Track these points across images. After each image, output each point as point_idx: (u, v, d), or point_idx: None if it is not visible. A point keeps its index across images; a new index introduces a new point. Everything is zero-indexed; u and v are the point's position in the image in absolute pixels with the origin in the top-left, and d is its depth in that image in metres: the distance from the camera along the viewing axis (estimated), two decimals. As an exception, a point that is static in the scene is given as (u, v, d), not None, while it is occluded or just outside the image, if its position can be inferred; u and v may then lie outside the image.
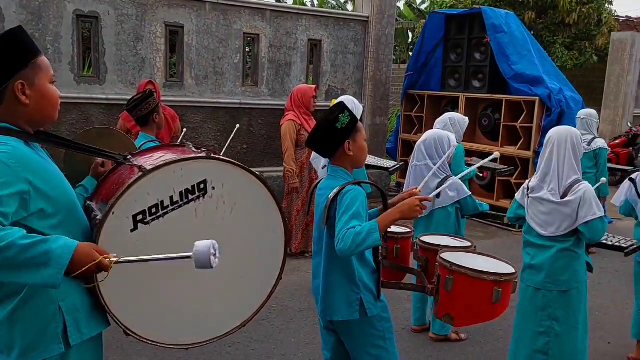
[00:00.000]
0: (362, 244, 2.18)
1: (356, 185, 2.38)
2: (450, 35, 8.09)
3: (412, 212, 2.30)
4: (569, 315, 3.14)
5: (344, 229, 2.20)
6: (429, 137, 3.96)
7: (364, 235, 2.17)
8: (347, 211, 2.26)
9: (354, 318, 2.40)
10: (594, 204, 2.97)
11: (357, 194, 2.33)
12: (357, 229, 2.18)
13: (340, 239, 2.19)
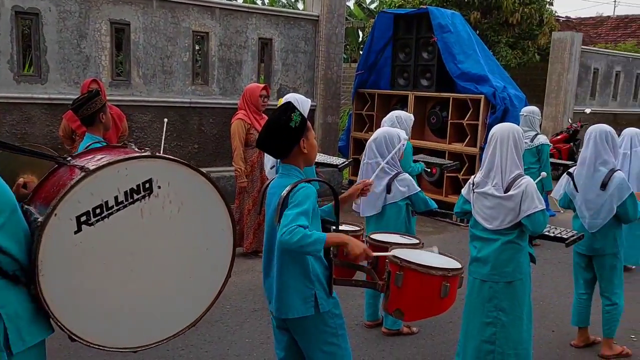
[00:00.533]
0: (305, 247, 2.20)
1: (308, 183, 2.39)
2: (399, 34, 8.23)
3: (356, 251, 2.33)
4: (514, 305, 3.25)
5: (293, 223, 2.20)
6: (379, 135, 4.02)
7: (311, 241, 2.19)
8: (298, 206, 2.27)
9: (309, 314, 2.41)
10: (536, 198, 3.08)
11: (309, 192, 2.35)
12: (307, 232, 2.20)
13: (289, 231, 2.18)
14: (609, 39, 21.21)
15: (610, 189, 3.77)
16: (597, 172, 3.82)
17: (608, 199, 3.78)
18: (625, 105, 13.59)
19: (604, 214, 3.82)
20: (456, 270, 2.49)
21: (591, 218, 3.87)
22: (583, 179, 3.88)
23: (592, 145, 3.86)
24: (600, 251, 3.93)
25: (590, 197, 3.85)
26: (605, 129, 3.89)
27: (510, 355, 3.26)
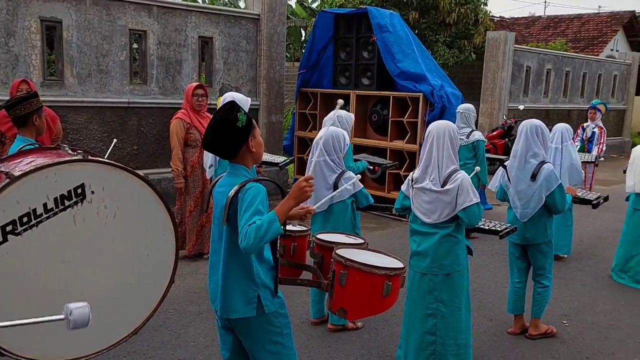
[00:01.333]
0: (265, 235, 2.19)
1: (257, 182, 2.39)
2: (340, 34, 8.31)
3: (302, 193, 2.34)
4: (453, 296, 3.37)
5: (245, 225, 2.20)
6: (326, 133, 4.07)
7: (265, 226, 2.18)
8: (249, 208, 2.25)
9: (251, 315, 2.41)
10: (471, 191, 3.21)
11: (258, 191, 2.34)
12: (257, 223, 2.19)
13: (244, 236, 2.18)
14: (540, 38, 22.23)
15: (539, 180, 3.97)
16: (527, 164, 4.01)
17: (537, 189, 3.98)
18: (556, 102, 14.27)
19: (533, 203, 4.02)
20: (399, 269, 2.54)
21: (522, 208, 4.07)
22: (515, 170, 4.08)
23: (523, 138, 4.04)
24: (532, 240, 4.12)
25: (522, 187, 4.04)
26: (535, 124, 4.08)
27: (451, 345, 3.38)
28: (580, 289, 5.36)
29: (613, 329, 4.46)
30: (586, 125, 8.79)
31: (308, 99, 8.89)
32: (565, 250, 6.10)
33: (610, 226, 7.55)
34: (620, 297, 5.15)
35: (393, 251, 6.19)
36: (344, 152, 4.11)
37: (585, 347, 4.14)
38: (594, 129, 8.62)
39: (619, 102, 16.47)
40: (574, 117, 14.25)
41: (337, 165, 4.03)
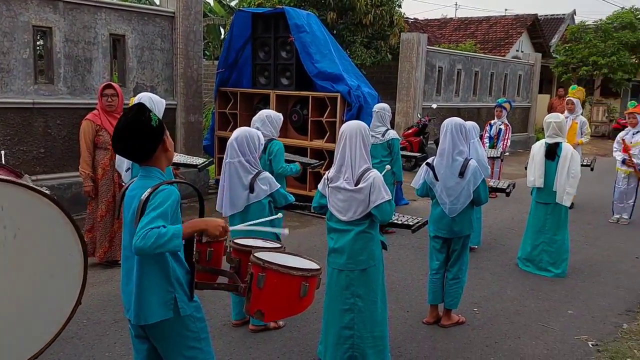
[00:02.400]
0: (163, 246, 2.16)
1: (170, 185, 2.34)
2: (258, 33, 8.29)
3: (215, 229, 2.34)
4: (369, 291, 3.49)
5: (147, 226, 2.15)
6: (240, 134, 4.04)
7: (167, 238, 2.15)
8: (155, 209, 2.21)
9: (168, 317, 2.38)
10: (382, 189, 3.33)
11: (170, 193, 2.29)
12: (162, 230, 2.15)
13: (142, 236, 2.13)
14: (452, 39, 23.24)
15: (467, 177, 4.20)
16: (455, 162, 4.23)
17: (466, 185, 4.22)
18: (466, 100, 14.98)
19: (463, 199, 4.25)
20: (315, 270, 2.59)
21: (451, 204, 4.28)
22: (443, 168, 4.27)
23: (449, 137, 4.24)
24: (459, 233, 4.36)
25: (450, 184, 4.25)
26: (458, 122, 4.31)
27: (368, 338, 3.49)
28: (489, 277, 5.69)
29: (519, 315, 4.77)
30: (493, 122, 9.34)
31: (228, 98, 8.80)
32: (475, 242, 6.44)
33: (516, 217, 8.06)
34: (526, 284, 5.51)
35: (314, 248, 6.33)
36: (259, 152, 4.11)
37: (494, 333, 4.41)
38: (500, 126, 9.17)
39: (524, 100, 17.54)
40: (484, 114, 15.03)
41: (252, 166, 4.02)
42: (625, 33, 20.05)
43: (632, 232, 7.64)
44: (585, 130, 8.89)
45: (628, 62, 20.20)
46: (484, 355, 4.03)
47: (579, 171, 5.65)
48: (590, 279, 5.71)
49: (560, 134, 5.67)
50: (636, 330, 4.52)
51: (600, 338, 4.36)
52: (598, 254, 6.58)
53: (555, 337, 4.35)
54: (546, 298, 5.16)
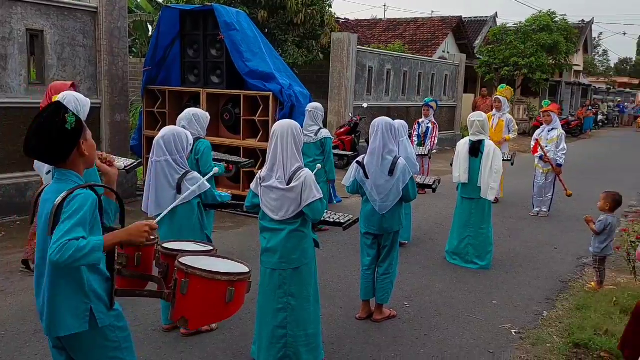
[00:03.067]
0: (81, 260, 2.06)
1: (87, 189, 2.22)
2: (186, 30, 8.11)
3: (139, 237, 2.25)
4: (302, 289, 3.51)
5: (64, 237, 2.04)
6: (167, 133, 3.94)
7: (86, 252, 2.05)
8: (72, 217, 2.10)
9: (83, 330, 2.26)
10: (314, 188, 3.36)
11: (86, 198, 2.18)
12: (81, 244, 2.05)
13: (58, 248, 2.02)
14: (381, 39, 23.73)
15: (396, 175, 4.32)
16: (384, 161, 4.33)
17: (395, 183, 4.33)
18: (396, 100, 15.36)
19: (392, 196, 4.36)
20: (243, 274, 2.52)
21: (381, 201, 4.37)
22: (374, 167, 4.35)
23: (380, 136, 4.34)
24: (389, 229, 4.46)
25: (380, 182, 4.35)
26: (388, 122, 4.41)
27: (301, 337, 3.50)
28: (419, 271, 5.86)
29: (447, 306, 4.95)
30: (421, 121, 9.63)
31: (156, 97, 8.55)
32: (405, 237, 6.62)
33: (444, 213, 8.34)
34: (454, 277, 5.72)
35: (249, 249, 6.28)
36: (187, 151, 4.04)
37: (424, 325, 4.55)
38: (427, 125, 9.46)
39: (450, 100, 18.20)
40: (413, 113, 15.45)
41: (180, 166, 3.94)
42: (542, 35, 21.24)
43: (551, 225, 8.10)
44: (512, 127, 9.34)
45: (546, 63, 21.42)
46: (414, 347, 4.15)
47: (501, 167, 5.93)
48: (513, 270, 6.01)
49: (483, 132, 5.92)
50: (555, 317, 4.79)
51: (522, 326, 4.59)
52: (520, 246, 6.93)
53: (481, 327, 4.55)
54: (472, 290, 5.38)
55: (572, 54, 23.49)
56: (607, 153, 18.28)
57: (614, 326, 4.35)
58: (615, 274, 5.83)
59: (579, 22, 30.79)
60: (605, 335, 4.25)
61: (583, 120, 24.61)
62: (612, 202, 5.35)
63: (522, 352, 4.14)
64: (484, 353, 4.11)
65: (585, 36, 31.67)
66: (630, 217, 8.70)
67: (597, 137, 24.80)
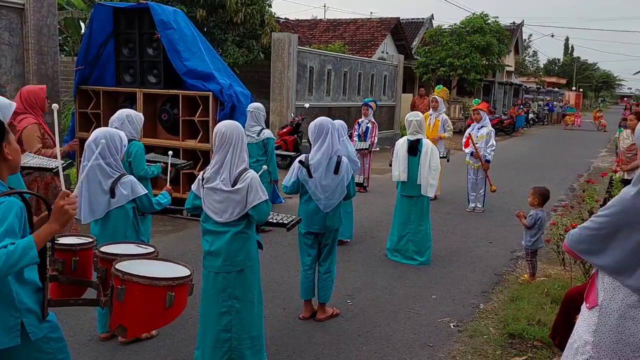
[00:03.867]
0: (17, 264, 1.98)
1: (10, 196, 2.11)
2: (121, 29, 7.85)
3: (64, 214, 2.14)
4: (246, 291, 3.48)
5: None
6: (99, 135, 3.77)
7: (19, 253, 1.97)
8: None
9: (15, 344, 2.17)
10: (259, 189, 3.34)
11: (10, 205, 2.08)
12: (10, 249, 1.96)
13: None
14: (322, 40, 23.88)
15: (341, 173, 4.43)
16: (330, 159, 4.41)
17: (340, 181, 4.44)
18: (337, 100, 15.50)
19: (338, 194, 4.45)
20: (183, 278, 2.45)
21: (327, 199, 4.43)
22: (321, 167, 4.40)
23: (328, 137, 4.42)
24: (331, 227, 4.53)
25: (326, 181, 4.41)
26: (333, 122, 4.55)
27: (245, 339, 3.48)
28: (361, 269, 5.94)
29: (389, 303, 5.05)
30: (361, 120, 9.76)
31: (89, 97, 8.22)
32: (347, 235, 6.70)
33: (384, 210, 8.49)
34: (395, 274, 5.83)
35: (189, 252, 6.17)
36: (121, 154, 3.92)
37: (367, 322, 4.61)
38: (367, 124, 9.61)
39: (389, 100, 18.55)
40: (353, 113, 15.65)
41: (113, 169, 3.81)
42: (476, 37, 22.03)
43: (486, 220, 8.41)
44: (448, 127, 9.67)
45: (479, 64, 22.24)
46: (357, 345, 4.20)
47: (438, 164, 6.13)
48: (451, 265, 6.20)
49: (420, 131, 6.10)
50: (491, 309, 4.98)
51: (460, 319, 4.75)
52: (457, 241, 7.16)
53: (421, 321, 4.66)
54: (412, 285, 5.51)
55: (504, 55, 24.50)
56: (538, 150, 19.18)
57: (546, 316, 4.57)
58: (546, 266, 6.13)
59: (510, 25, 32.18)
60: (537, 325, 4.45)
61: (515, 118, 25.71)
62: (540, 197, 5.63)
63: (461, 344, 4.27)
64: (424, 347, 4.22)
65: (516, 38, 33.14)
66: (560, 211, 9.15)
67: (529, 135, 25.97)
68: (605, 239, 2.15)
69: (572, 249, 2.31)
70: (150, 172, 4.83)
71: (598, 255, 2.18)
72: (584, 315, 2.29)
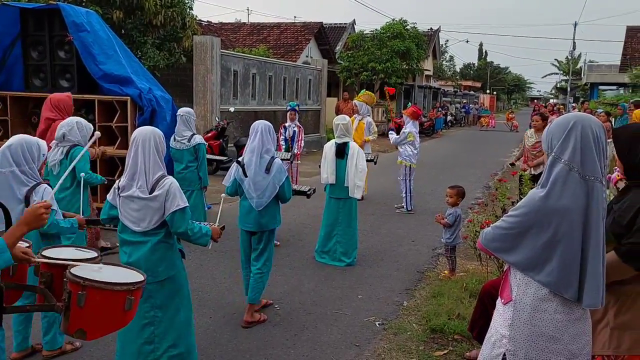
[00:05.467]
0: None
1: None
2: (29, 31, 7.43)
3: (39, 220, 2.23)
4: (170, 301, 3.38)
5: None
6: (15, 142, 3.56)
7: None
8: None
9: None
10: (178, 196, 3.26)
11: None
12: None
13: None
14: (246, 43, 23.71)
15: (272, 172, 4.58)
16: (262, 159, 4.59)
17: (271, 180, 4.59)
18: (262, 104, 15.45)
19: (268, 193, 4.60)
20: (140, 282, 2.57)
21: (258, 198, 4.59)
22: (252, 165, 4.58)
23: (258, 137, 4.61)
24: (266, 226, 4.64)
25: (258, 179, 4.58)
26: (267, 124, 4.71)
27: (172, 351, 3.37)
28: (289, 272, 5.95)
29: (316, 305, 5.09)
30: (288, 124, 9.77)
31: (-5, 103, 7.72)
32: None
33: (311, 213, 8.55)
34: (321, 276, 5.89)
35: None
36: (38, 161, 3.69)
37: (294, 326, 4.62)
38: (294, 128, 9.63)
39: (314, 103, 18.72)
40: (279, 117, 15.65)
41: (29, 177, 3.58)
42: (396, 42, 22.68)
43: (408, 219, 8.68)
44: (372, 129, 10.02)
45: (400, 68, 22.91)
46: (284, 349, 4.20)
47: (365, 166, 6.32)
48: (375, 264, 6.34)
49: (347, 135, 6.29)
50: (414, 306, 5.14)
51: (385, 317, 4.87)
52: (381, 241, 7.34)
53: (347, 322, 4.74)
54: (339, 286, 5.59)
55: (422, 59, 25.39)
56: (456, 150, 20.04)
57: (465, 310, 4.78)
58: (465, 261, 6.41)
59: (428, 30, 33.41)
60: (457, 319, 4.65)
61: (435, 121, 26.71)
62: (460, 196, 5.90)
63: (386, 342, 4.38)
64: (350, 347, 4.29)
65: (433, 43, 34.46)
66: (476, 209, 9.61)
67: (447, 136, 27.07)
68: (516, 238, 2.27)
69: (485, 247, 2.41)
70: (94, 177, 5.06)
71: (510, 252, 2.30)
72: (500, 310, 2.41)
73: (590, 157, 2.17)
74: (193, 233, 3.34)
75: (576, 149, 2.17)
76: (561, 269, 2.18)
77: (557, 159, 2.21)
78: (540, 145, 7.09)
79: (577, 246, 2.17)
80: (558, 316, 2.21)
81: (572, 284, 2.18)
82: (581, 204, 2.15)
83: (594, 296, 2.17)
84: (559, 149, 2.21)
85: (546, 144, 2.29)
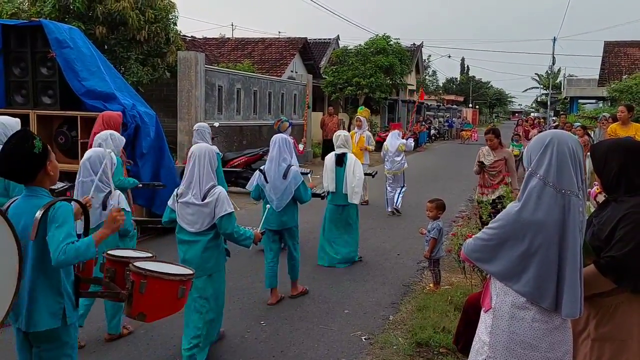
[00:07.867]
0: (81, 256, 2.56)
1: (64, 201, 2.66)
2: (11, 47, 7.37)
3: (116, 223, 2.80)
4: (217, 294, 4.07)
5: (64, 242, 2.51)
6: (93, 154, 4.27)
7: (84, 249, 2.55)
8: (63, 225, 2.55)
9: (57, 325, 2.66)
10: (226, 203, 3.88)
11: (69, 209, 2.65)
12: (77, 245, 2.53)
13: (62, 251, 2.49)
14: (230, 58, 23.75)
15: (289, 178, 5.35)
16: (279, 167, 5.38)
17: (288, 185, 5.36)
18: (247, 119, 15.45)
19: (286, 196, 5.38)
20: (190, 275, 3.05)
21: (278, 200, 5.37)
22: (272, 172, 5.39)
23: (277, 148, 5.42)
24: (285, 224, 5.49)
25: (277, 184, 5.36)
26: (284, 137, 5.53)
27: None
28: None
29: (302, 320, 5.07)
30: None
31: (-25, 120, 7.62)
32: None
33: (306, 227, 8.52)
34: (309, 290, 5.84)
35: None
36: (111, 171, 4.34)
37: (280, 342, 4.60)
38: (288, 140, 9.75)
39: (300, 118, 18.77)
40: (265, 132, 15.67)
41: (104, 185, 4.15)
42: (380, 57, 22.89)
43: (394, 233, 8.71)
44: (371, 142, 10.91)
45: (384, 83, 23.10)
46: (270, 366, 4.18)
47: (362, 173, 6.83)
48: (362, 279, 6.35)
49: (346, 146, 6.84)
50: (400, 320, 5.15)
51: (371, 331, 4.86)
52: (367, 255, 7.34)
53: (334, 337, 4.73)
54: (325, 301, 5.58)
55: (406, 74, 25.63)
56: (440, 163, 20.19)
57: (450, 323, 4.79)
58: (449, 274, 6.44)
59: (411, 46, 33.79)
60: (442, 332, 4.66)
61: (418, 134, 26.92)
62: (436, 209, 5.97)
63: (372, 356, 4.38)
64: (337, 362, 4.27)
65: (416, 58, 34.86)
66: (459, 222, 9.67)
67: (431, 150, 27.29)
68: (495, 249, 2.35)
69: (467, 257, 2.49)
70: (126, 182, 5.52)
71: (489, 263, 2.38)
72: (482, 317, 2.47)
73: (567, 172, 2.24)
74: (239, 235, 3.97)
75: (551, 164, 2.24)
76: (537, 279, 2.24)
77: (533, 174, 2.29)
78: (499, 165, 7.05)
79: (554, 257, 2.23)
80: (536, 324, 2.27)
81: (549, 294, 2.24)
82: (557, 217, 2.22)
83: (572, 306, 2.23)
84: (536, 164, 2.29)
85: (526, 160, 2.38)
